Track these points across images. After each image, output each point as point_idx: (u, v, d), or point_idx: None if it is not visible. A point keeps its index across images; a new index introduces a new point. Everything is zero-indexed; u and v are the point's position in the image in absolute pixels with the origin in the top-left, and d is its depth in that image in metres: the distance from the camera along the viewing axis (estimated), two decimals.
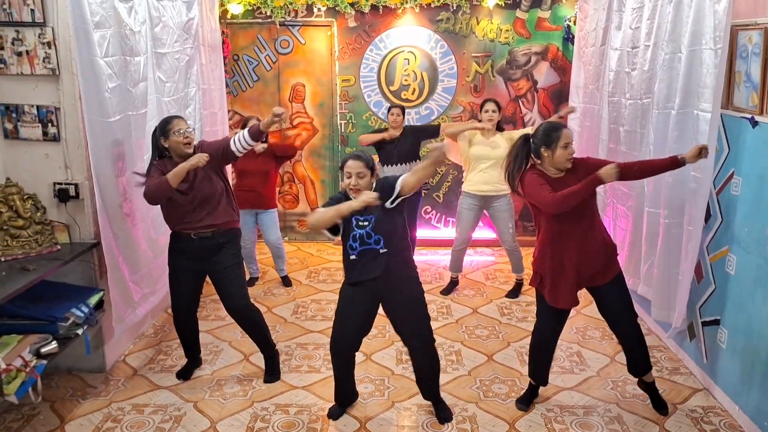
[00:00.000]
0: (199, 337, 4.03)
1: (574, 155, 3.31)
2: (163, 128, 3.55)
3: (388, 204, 3.17)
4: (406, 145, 5.52)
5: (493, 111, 4.97)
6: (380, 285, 3.26)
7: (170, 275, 3.80)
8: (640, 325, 3.52)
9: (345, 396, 3.57)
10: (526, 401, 3.64)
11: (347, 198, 3.22)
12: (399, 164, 5.51)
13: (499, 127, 5.09)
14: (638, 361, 3.51)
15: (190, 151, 3.57)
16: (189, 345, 3.98)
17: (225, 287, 3.75)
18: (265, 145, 5.05)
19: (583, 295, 3.53)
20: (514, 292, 5.32)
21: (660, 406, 3.57)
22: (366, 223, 3.20)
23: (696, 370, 3.95)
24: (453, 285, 5.41)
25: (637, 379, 3.63)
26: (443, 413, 3.51)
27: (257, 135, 3.59)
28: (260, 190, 5.19)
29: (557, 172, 3.31)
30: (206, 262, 3.71)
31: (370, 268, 3.23)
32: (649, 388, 3.60)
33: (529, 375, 3.67)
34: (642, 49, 4.26)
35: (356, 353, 3.50)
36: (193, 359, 4.02)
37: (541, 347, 3.58)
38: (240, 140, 3.61)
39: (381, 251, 3.19)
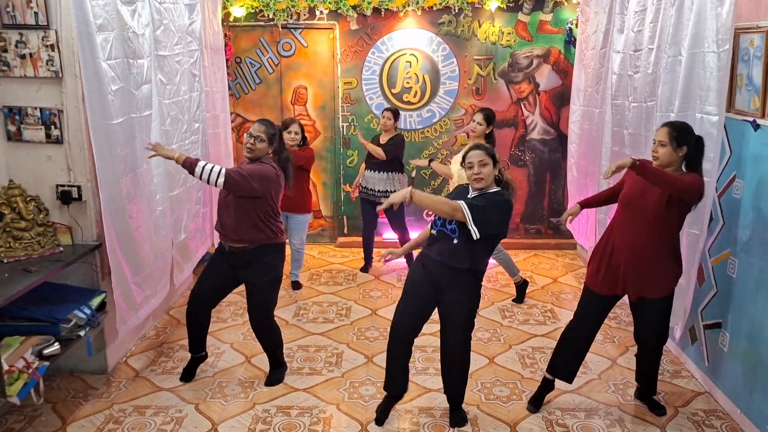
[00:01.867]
0: (207, 333, 4.01)
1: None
2: None
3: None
4: (389, 153, 5.50)
5: (479, 123, 4.83)
6: (442, 275, 3.25)
7: (206, 266, 3.93)
8: (660, 353, 3.57)
9: (396, 384, 3.51)
10: (537, 402, 3.64)
11: (466, 191, 3.27)
12: (380, 171, 5.55)
13: (490, 139, 4.92)
14: (645, 381, 3.63)
15: (249, 156, 3.62)
16: (195, 339, 3.93)
17: (249, 301, 3.80)
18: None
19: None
20: (520, 297, 5.29)
21: (655, 407, 3.60)
22: None
23: (698, 374, 3.95)
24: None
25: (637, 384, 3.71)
26: (456, 417, 3.50)
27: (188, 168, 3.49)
28: (293, 195, 5.19)
29: None
30: (239, 270, 3.73)
31: (440, 249, 3.23)
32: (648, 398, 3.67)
33: (551, 371, 3.64)
34: (645, 52, 4.26)
35: (413, 340, 3.47)
36: (196, 356, 3.99)
37: (575, 339, 3.58)
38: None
39: (454, 240, 3.16)
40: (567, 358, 3.59)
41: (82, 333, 3.51)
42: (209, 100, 5.36)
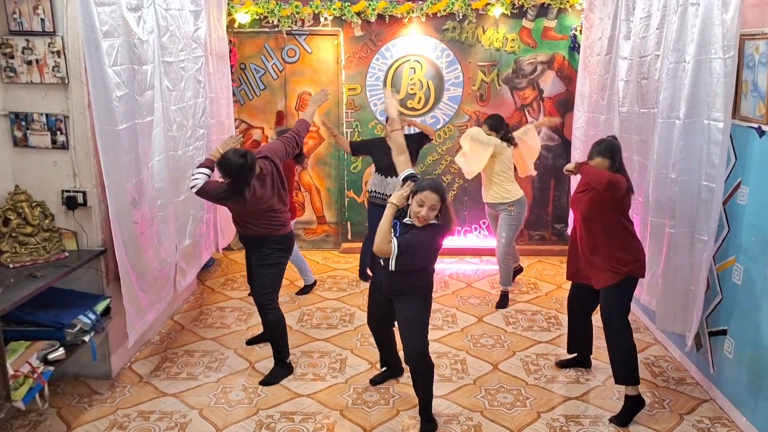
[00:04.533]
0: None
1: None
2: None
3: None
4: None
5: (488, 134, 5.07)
6: (386, 287, 3.43)
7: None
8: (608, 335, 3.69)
9: (385, 361, 3.96)
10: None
11: (402, 214, 3.31)
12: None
13: (509, 141, 5.16)
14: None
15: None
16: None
17: (257, 273, 4.07)
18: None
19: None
20: (503, 303, 5.30)
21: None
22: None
23: (703, 381, 3.93)
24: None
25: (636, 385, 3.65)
26: (425, 426, 3.50)
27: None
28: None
29: None
30: (252, 251, 4.11)
31: (380, 269, 3.41)
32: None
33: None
34: (652, 59, 4.24)
35: (391, 329, 3.81)
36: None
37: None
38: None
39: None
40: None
41: (86, 338, 3.52)
42: (214, 107, 5.37)
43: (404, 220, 3.29)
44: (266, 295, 4.01)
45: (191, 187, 3.82)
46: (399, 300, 3.43)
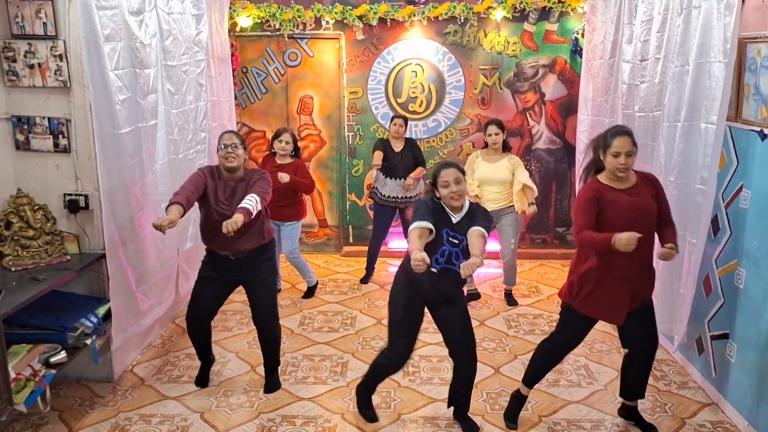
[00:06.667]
0: (211, 341, 4.05)
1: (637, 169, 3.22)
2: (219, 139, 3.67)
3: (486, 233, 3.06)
4: (410, 159, 5.59)
5: (496, 134, 5.03)
6: (440, 297, 3.31)
7: (197, 281, 3.82)
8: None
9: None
10: (514, 417, 3.57)
11: (435, 205, 3.15)
12: (403, 178, 5.54)
13: (506, 146, 5.15)
14: (638, 386, 3.46)
15: (232, 164, 3.59)
16: (202, 350, 4.01)
17: (259, 301, 3.80)
18: (287, 178, 4.96)
19: None
20: (512, 301, 5.39)
21: (647, 427, 3.49)
22: (457, 242, 3.10)
23: (705, 385, 3.92)
24: (471, 297, 5.35)
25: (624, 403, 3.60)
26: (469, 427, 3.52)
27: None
28: (284, 206, 5.13)
29: (617, 180, 3.17)
30: (242, 273, 3.75)
31: (444, 287, 3.24)
32: (633, 412, 3.55)
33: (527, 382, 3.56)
34: (653, 62, 4.25)
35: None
36: (206, 362, 4.05)
37: (554, 358, 3.52)
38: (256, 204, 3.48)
39: (456, 272, 3.04)
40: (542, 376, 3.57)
41: (88, 341, 3.53)
42: (216, 110, 5.39)
43: (453, 221, 3.12)
44: (276, 308, 3.91)
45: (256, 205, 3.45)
46: (452, 302, 3.29)
